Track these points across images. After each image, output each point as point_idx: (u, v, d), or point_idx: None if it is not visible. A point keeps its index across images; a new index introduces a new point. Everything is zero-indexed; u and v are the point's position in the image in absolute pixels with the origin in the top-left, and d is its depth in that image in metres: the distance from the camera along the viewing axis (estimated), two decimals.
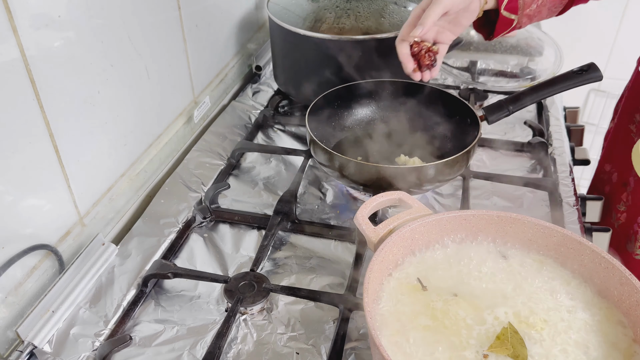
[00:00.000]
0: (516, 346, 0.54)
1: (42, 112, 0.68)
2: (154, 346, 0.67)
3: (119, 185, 0.85)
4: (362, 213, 0.66)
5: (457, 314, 0.58)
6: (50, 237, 0.73)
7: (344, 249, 0.80)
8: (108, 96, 0.80)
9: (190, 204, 0.87)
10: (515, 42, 1.29)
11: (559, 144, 1.01)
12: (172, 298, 0.73)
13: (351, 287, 0.72)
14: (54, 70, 0.69)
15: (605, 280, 0.60)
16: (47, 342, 0.66)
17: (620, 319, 0.58)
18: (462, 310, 0.59)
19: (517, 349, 0.54)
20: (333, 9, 1.02)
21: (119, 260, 0.77)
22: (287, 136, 1.06)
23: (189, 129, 1.05)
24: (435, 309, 0.59)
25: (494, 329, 0.56)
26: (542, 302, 0.60)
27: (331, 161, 0.81)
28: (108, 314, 0.70)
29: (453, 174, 0.82)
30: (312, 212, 0.88)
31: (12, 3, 0.61)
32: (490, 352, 0.54)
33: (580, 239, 0.62)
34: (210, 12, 1.07)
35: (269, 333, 0.68)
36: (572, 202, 0.87)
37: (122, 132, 0.85)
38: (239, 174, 0.97)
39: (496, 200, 0.89)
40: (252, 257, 0.78)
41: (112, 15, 0.78)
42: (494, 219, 0.66)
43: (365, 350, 0.66)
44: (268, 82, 1.22)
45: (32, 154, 0.68)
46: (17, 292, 0.68)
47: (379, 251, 0.60)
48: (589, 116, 2.06)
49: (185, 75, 1.01)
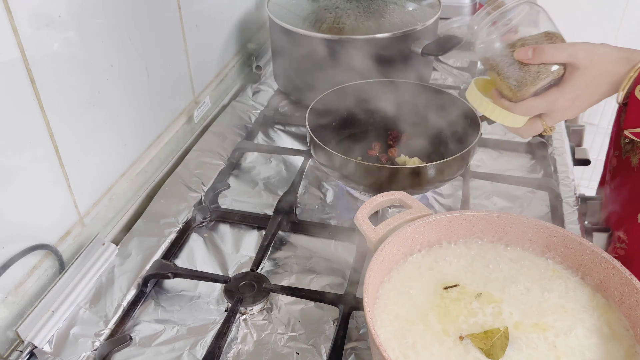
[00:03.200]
0: (496, 347, 0.54)
1: (42, 112, 0.68)
2: (154, 346, 0.67)
3: (119, 185, 0.85)
4: (362, 213, 0.66)
5: (457, 314, 0.58)
6: (51, 237, 0.73)
7: (344, 249, 0.80)
8: (108, 96, 0.80)
9: (190, 204, 0.87)
10: None
11: (559, 144, 1.01)
12: (172, 298, 0.73)
13: (351, 287, 0.72)
14: (54, 70, 0.69)
15: (605, 280, 0.60)
16: (47, 342, 0.66)
17: (620, 319, 0.58)
18: (463, 309, 0.59)
19: (495, 349, 0.54)
20: (333, 9, 1.02)
21: (119, 260, 0.77)
22: (287, 136, 1.06)
23: (189, 129, 1.05)
24: (438, 306, 0.59)
25: (491, 323, 0.57)
26: (541, 301, 0.60)
27: (331, 161, 0.81)
28: (108, 314, 0.70)
29: (453, 174, 0.82)
30: (312, 212, 0.88)
31: (12, 3, 0.61)
32: (468, 338, 0.55)
33: (580, 239, 0.62)
34: (211, 12, 1.07)
35: (269, 333, 0.68)
36: (572, 202, 0.87)
37: (122, 132, 0.85)
38: (239, 174, 0.97)
39: (496, 200, 0.89)
40: (252, 257, 0.78)
41: (112, 15, 0.78)
42: (494, 219, 0.66)
43: (365, 350, 0.66)
44: (268, 82, 1.22)
45: (32, 154, 0.68)
46: (17, 292, 0.68)
47: (379, 251, 0.60)
48: (589, 116, 2.06)
49: (185, 75, 1.01)
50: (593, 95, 0.66)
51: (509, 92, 0.68)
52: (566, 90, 0.65)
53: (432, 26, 1.04)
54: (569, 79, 0.65)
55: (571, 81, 0.65)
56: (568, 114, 0.68)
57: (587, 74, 0.65)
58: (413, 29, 0.99)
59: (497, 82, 0.70)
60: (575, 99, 0.66)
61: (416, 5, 1.06)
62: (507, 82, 0.67)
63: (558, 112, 0.67)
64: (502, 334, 0.55)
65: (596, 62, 0.64)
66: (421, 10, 1.05)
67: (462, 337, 0.55)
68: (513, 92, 0.67)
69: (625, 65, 0.65)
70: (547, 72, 0.65)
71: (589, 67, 0.64)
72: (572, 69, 0.65)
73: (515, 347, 0.55)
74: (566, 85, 0.65)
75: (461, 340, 0.55)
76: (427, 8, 1.06)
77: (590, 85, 0.65)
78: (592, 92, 0.66)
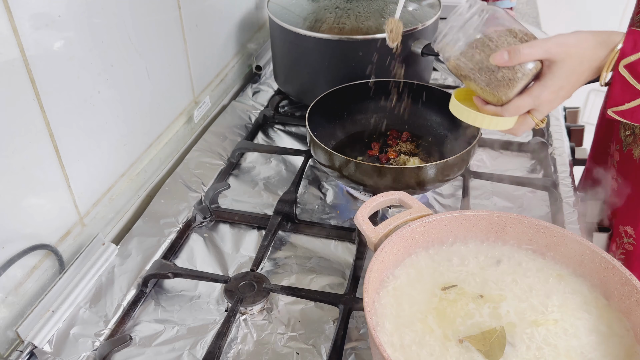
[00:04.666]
0: (494, 348, 0.54)
1: (42, 112, 0.68)
2: (154, 346, 0.67)
3: (119, 185, 0.85)
4: (362, 213, 0.66)
5: (457, 314, 0.58)
6: (51, 237, 0.73)
7: (344, 249, 0.80)
8: (108, 96, 0.80)
9: (190, 204, 0.87)
10: None
11: (559, 144, 1.01)
12: (172, 298, 0.73)
13: (351, 287, 0.72)
14: (54, 70, 0.69)
15: (605, 280, 0.60)
16: (47, 342, 0.66)
17: (620, 319, 0.58)
18: (462, 309, 0.59)
19: (493, 350, 0.54)
20: (333, 9, 1.02)
21: (119, 260, 0.77)
22: (287, 136, 1.06)
23: (189, 129, 1.05)
24: (435, 308, 0.59)
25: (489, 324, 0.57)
26: (541, 301, 0.60)
27: (331, 161, 0.81)
28: (108, 314, 0.70)
29: (453, 174, 0.82)
30: (312, 212, 0.88)
31: (12, 3, 0.61)
32: (467, 341, 0.55)
33: (580, 239, 0.62)
34: (211, 12, 1.07)
35: (269, 333, 0.68)
36: (572, 202, 0.87)
37: (122, 132, 0.85)
38: (239, 174, 0.97)
39: (496, 200, 0.89)
40: (252, 257, 0.78)
41: (112, 15, 0.78)
42: (494, 219, 0.66)
43: (365, 350, 0.66)
44: (268, 82, 1.22)
45: (32, 154, 0.68)
46: (17, 292, 0.68)
47: (379, 251, 0.60)
48: (589, 116, 2.06)
49: (185, 75, 1.01)
50: (577, 82, 0.67)
51: (492, 97, 0.68)
52: (548, 83, 0.66)
53: (432, 26, 1.04)
54: (548, 72, 0.66)
55: (551, 74, 0.65)
56: (555, 104, 0.68)
57: (566, 64, 0.65)
58: (413, 29, 0.99)
59: (477, 90, 0.69)
60: (559, 90, 0.66)
61: (416, 5, 1.06)
62: (488, 89, 0.67)
63: (545, 105, 0.67)
64: (499, 334, 0.55)
65: (572, 53, 0.64)
66: (421, 10, 1.05)
67: (462, 340, 0.55)
68: (497, 97, 0.67)
69: (603, 49, 0.65)
70: (525, 71, 0.65)
71: (565, 58, 0.65)
72: (549, 63, 0.65)
73: (515, 348, 0.55)
74: (547, 79, 0.66)
75: (460, 342, 0.55)
76: (427, 8, 1.06)
77: (572, 74, 0.66)
78: (575, 80, 0.66)
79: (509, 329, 0.57)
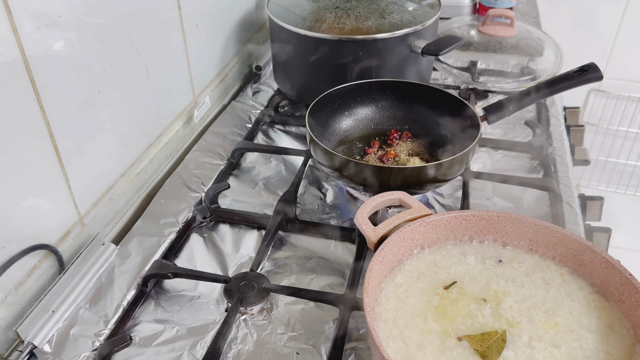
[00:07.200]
0: (492, 350, 0.54)
1: (42, 112, 0.68)
2: (154, 346, 0.67)
3: (119, 185, 0.85)
4: (362, 213, 0.66)
5: (456, 314, 0.58)
6: (50, 237, 0.73)
7: (344, 249, 0.80)
8: (108, 96, 0.80)
9: (190, 204, 0.87)
10: (515, 42, 1.29)
11: (559, 144, 1.01)
12: (172, 298, 0.73)
13: (351, 287, 0.72)
14: (54, 70, 0.69)
15: (605, 280, 0.60)
16: (47, 342, 0.66)
17: (621, 319, 0.58)
18: (462, 309, 0.59)
19: (491, 351, 0.54)
20: (333, 9, 1.02)
21: (119, 260, 0.77)
22: (287, 136, 1.06)
23: (189, 129, 1.05)
24: (436, 307, 0.59)
25: (489, 324, 0.57)
26: (541, 302, 0.60)
27: (331, 161, 0.81)
28: (108, 314, 0.70)
29: (453, 174, 0.82)
30: (312, 212, 0.88)
31: (12, 3, 0.61)
32: (465, 340, 0.55)
33: (580, 239, 0.62)
34: (210, 12, 1.07)
35: (269, 333, 0.68)
36: (572, 202, 0.87)
37: (122, 132, 0.85)
38: (239, 174, 0.97)
39: (496, 200, 0.89)
40: (252, 257, 0.78)
41: (112, 15, 0.78)
42: (494, 219, 0.66)
43: (365, 350, 0.66)
44: (268, 82, 1.22)
45: (32, 154, 0.68)
46: (17, 292, 0.68)
47: (379, 251, 0.60)
48: (589, 116, 2.06)
49: (185, 75, 1.01)
50: None
51: None
52: None
53: (432, 26, 1.04)
54: None
55: None
56: None
57: None
58: (413, 29, 0.99)
59: None
60: None
61: (416, 5, 1.06)
62: None
63: None
64: (499, 337, 0.55)
65: None
66: (421, 10, 1.05)
67: (460, 338, 0.55)
68: None
69: None
70: None
71: None
72: None
73: (515, 348, 0.55)
74: None
75: (459, 341, 0.55)
76: (427, 8, 1.06)
77: None
78: None
79: (509, 328, 0.57)
